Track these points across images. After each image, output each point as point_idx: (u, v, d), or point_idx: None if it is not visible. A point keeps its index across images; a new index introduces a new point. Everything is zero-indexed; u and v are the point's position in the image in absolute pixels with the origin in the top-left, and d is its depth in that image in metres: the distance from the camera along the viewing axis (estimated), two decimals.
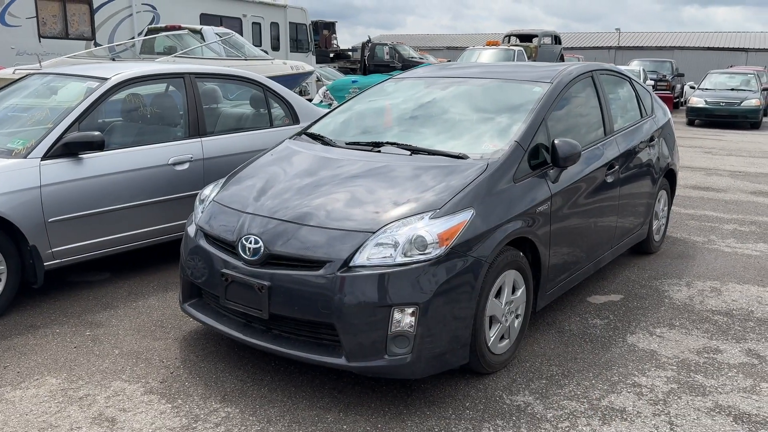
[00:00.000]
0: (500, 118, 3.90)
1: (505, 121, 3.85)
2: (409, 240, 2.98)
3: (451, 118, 4.02)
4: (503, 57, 19.85)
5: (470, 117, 3.99)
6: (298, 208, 3.26)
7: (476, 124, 3.91)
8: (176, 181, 4.82)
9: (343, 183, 3.41)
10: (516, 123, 3.77)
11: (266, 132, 5.54)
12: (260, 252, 3.13)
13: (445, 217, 3.07)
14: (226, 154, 5.15)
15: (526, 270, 3.49)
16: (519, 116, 3.83)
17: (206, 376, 3.36)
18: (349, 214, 3.15)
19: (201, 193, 3.88)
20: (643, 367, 3.52)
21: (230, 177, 3.90)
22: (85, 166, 4.35)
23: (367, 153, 3.75)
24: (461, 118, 3.99)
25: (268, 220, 3.24)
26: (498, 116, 3.92)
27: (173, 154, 4.82)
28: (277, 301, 3.07)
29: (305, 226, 3.14)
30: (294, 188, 3.46)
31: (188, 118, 5.02)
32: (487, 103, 4.08)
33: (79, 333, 3.87)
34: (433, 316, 2.94)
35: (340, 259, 2.97)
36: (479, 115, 3.99)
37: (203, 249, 3.42)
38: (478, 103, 4.12)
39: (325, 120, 4.51)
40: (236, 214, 3.42)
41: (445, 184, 3.28)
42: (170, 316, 4.11)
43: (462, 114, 4.03)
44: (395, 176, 3.40)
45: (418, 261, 2.95)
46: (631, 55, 38.85)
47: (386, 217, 3.09)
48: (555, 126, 3.92)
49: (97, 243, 4.43)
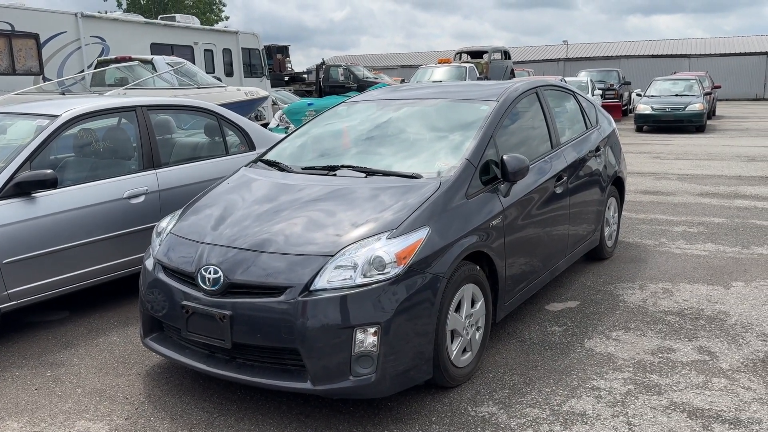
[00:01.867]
0: (452, 136, 4.01)
1: (456, 139, 3.96)
2: (368, 261, 3.04)
3: (405, 138, 4.12)
4: (455, 74, 20.22)
5: (423, 137, 4.09)
6: (257, 235, 3.29)
7: (429, 144, 4.01)
8: (132, 214, 4.79)
9: (302, 208, 3.46)
10: (466, 141, 3.89)
11: (222, 160, 5.55)
12: (220, 281, 3.15)
13: (402, 237, 3.15)
14: (183, 185, 5.14)
15: (484, 283, 3.58)
16: (469, 134, 3.94)
17: (172, 409, 3.34)
18: (308, 239, 3.19)
19: (158, 226, 3.88)
20: (601, 370, 3.64)
21: (187, 208, 3.91)
22: (38, 204, 4.30)
23: (324, 177, 3.81)
24: (415, 138, 4.09)
25: (227, 249, 3.27)
26: (449, 135, 4.03)
27: (128, 187, 4.80)
28: (239, 330, 3.08)
29: (264, 253, 3.17)
30: (252, 215, 3.50)
31: (142, 151, 5.00)
32: (438, 122, 4.20)
33: (39, 374, 3.80)
34: (396, 334, 3.00)
35: (300, 283, 3.01)
36: (432, 135, 4.09)
37: (162, 282, 3.41)
38: (430, 122, 4.23)
39: (281, 146, 4.56)
40: (194, 245, 3.43)
41: (401, 203, 3.36)
42: (132, 352, 4.07)
43: (415, 134, 4.13)
44: (353, 198, 3.46)
45: (378, 281, 3.00)
46: (579, 65, 39.96)
47: (345, 240, 3.14)
48: (504, 142, 4.05)
49: (53, 282, 4.37)
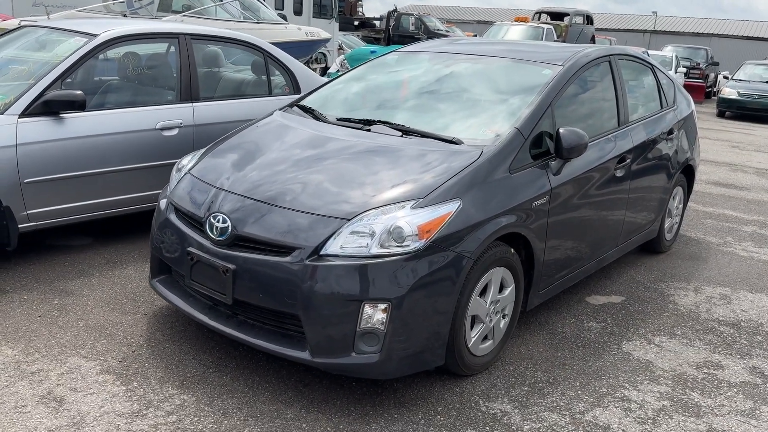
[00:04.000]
0: (505, 100, 3.60)
1: (510, 104, 3.56)
2: (387, 230, 2.74)
3: (454, 97, 3.74)
4: (531, 35, 19.28)
5: (474, 98, 3.70)
6: (274, 186, 3.03)
7: (479, 106, 3.63)
8: (163, 147, 4.60)
9: (325, 162, 3.17)
10: (520, 107, 3.48)
11: (264, 100, 5.29)
12: (228, 232, 2.91)
13: (429, 208, 2.82)
14: (219, 122, 4.91)
15: (517, 267, 3.23)
16: (525, 100, 3.53)
17: (168, 357, 3.18)
18: (325, 198, 2.91)
19: (178, 163, 3.66)
20: (636, 379, 3.27)
21: (211, 148, 3.67)
22: (66, 126, 4.14)
23: (356, 131, 3.49)
24: (465, 98, 3.71)
25: (240, 198, 3.02)
26: (503, 99, 3.63)
27: (161, 118, 4.60)
28: (241, 286, 2.85)
29: (277, 208, 2.90)
30: (273, 164, 3.22)
31: (181, 81, 4.78)
32: (493, 83, 3.79)
33: (46, 301, 3.70)
34: (408, 314, 2.71)
35: (310, 246, 2.74)
36: (484, 97, 3.70)
37: (172, 224, 3.20)
38: (485, 83, 3.83)
39: (320, 92, 4.25)
40: (208, 188, 3.19)
41: (435, 170, 3.02)
42: (144, 289, 3.93)
43: (464, 94, 3.74)
44: (380, 159, 3.14)
45: (395, 253, 2.71)
46: (666, 39, 37.75)
47: (365, 203, 2.84)
48: (563, 113, 3.62)
49: (75, 207, 4.24)
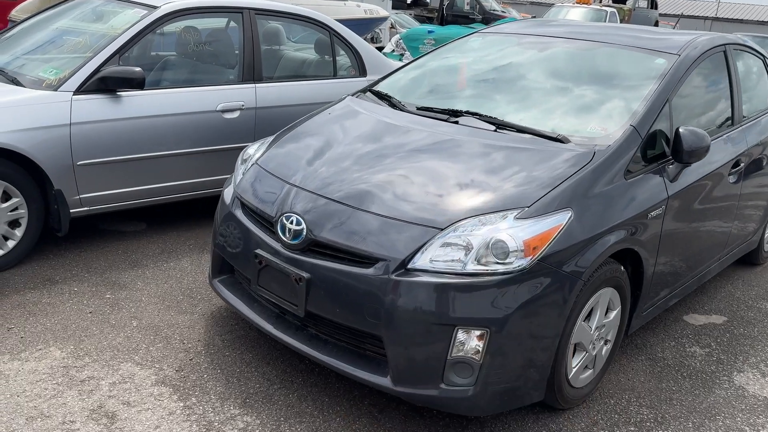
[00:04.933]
0: (612, 93, 3.16)
1: (618, 97, 3.11)
2: (486, 244, 2.36)
3: (547, 87, 3.31)
4: (594, 17, 18.47)
5: (572, 89, 3.26)
6: (354, 183, 2.67)
7: (580, 99, 3.19)
8: (224, 130, 4.29)
9: (410, 157, 2.79)
10: (632, 102, 3.04)
11: (329, 83, 4.93)
12: (302, 235, 2.57)
13: (535, 219, 2.43)
14: (283, 105, 4.58)
15: (625, 287, 2.82)
16: (637, 93, 3.09)
17: (229, 368, 2.88)
18: (412, 201, 2.53)
19: (244, 152, 3.33)
20: (756, 421, 2.84)
21: (279, 136, 3.33)
22: (122, 105, 3.86)
23: (441, 123, 3.10)
24: (561, 89, 3.28)
25: (315, 196, 2.67)
26: (609, 90, 3.18)
27: (223, 99, 4.28)
28: (316, 298, 2.52)
29: (358, 211, 2.55)
30: (352, 156, 2.87)
31: (243, 60, 4.45)
32: (596, 72, 3.34)
33: (98, 294, 3.45)
34: (507, 343, 2.34)
35: (396, 258, 2.38)
36: (585, 87, 3.26)
37: (238, 221, 2.88)
38: (585, 71, 3.38)
39: (395, 77, 3.86)
40: (279, 183, 2.85)
41: (539, 173, 2.61)
42: (201, 285, 3.64)
43: (562, 84, 3.31)
44: (473, 156, 2.75)
45: (495, 272, 2.33)
46: (729, 28, 36.02)
47: (459, 210, 2.46)
48: (679, 110, 3.16)
49: (130, 192, 3.98)
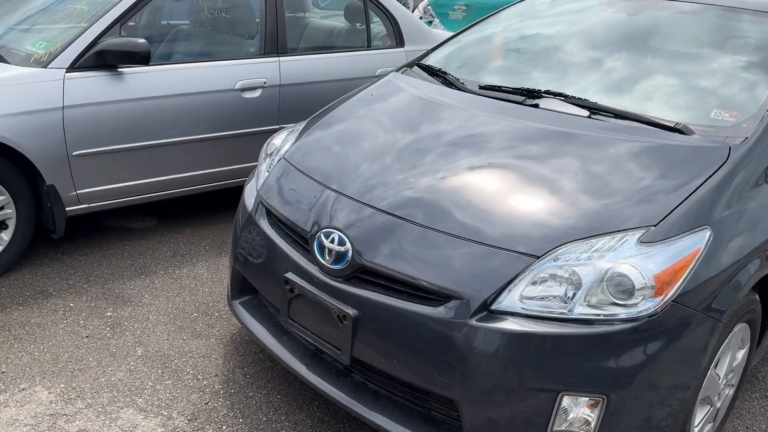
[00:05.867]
0: (732, 68, 2.49)
1: (743, 73, 2.45)
2: (601, 278, 1.75)
3: (644, 61, 2.64)
4: None
5: (677, 62, 2.59)
6: (410, 191, 2.06)
7: (690, 76, 2.52)
8: (243, 112, 3.69)
9: (479, 154, 2.17)
10: (763, 81, 2.38)
11: (363, 54, 4.28)
12: (346, 259, 1.98)
13: (666, 243, 1.80)
14: (311, 81, 3.95)
15: (757, 321, 2.20)
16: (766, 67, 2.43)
17: (253, 415, 2.32)
18: (494, 216, 1.92)
19: (269, 143, 2.73)
20: None
21: (311, 122, 2.73)
22: (124, 84, 3.27)
23: (515, 107, 2.46)
24: (662, 62, 2.61)
25: (362, 206, 2.07)
26: (728, 65, 2.51)
27: (242, 76, 3.67)
28: (365, 342, 1.94)
29: (420, 228, 1.94)
30: (403, 155, 2.25)
31: (266, 30, 3.82)
32: (709, 42, 2.66)
33: (97, 312, 2.90)
34: (627, 412, 1.74)
35: (476, 295, 1.78)
36: (693, 61, 2.59)
37: (263, 233, 2.30)
38: (695, 41, 2.70)
39: (447, 47, 3.20)
40: (314, 186, 2.26)
41: (658, 178, 1.98)
42: (219, 298, 3.08)
43: (666, 57, 2.64)
44: (569, 154, 2.12)
45: (614, 318, 1.72)
46: None
47: (560, 231, 1.84)
48: None
49: (135, 186, 3.41)
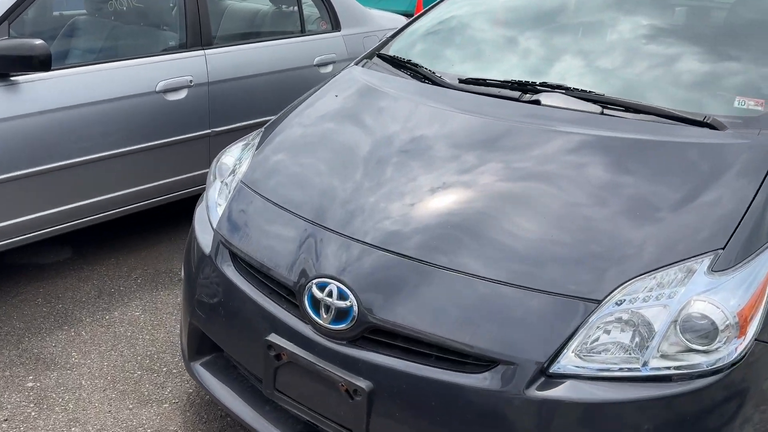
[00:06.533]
0: (745, 46, 2.23)
1: (754, 53, 2.20)
2: (675, 321, 1.43)
3: (646, 43, 2.34)
4: None
5: (684, 44, 2.30)
6: (421, 220, 1.67)
7: (700, 59, 2.24)
8: (168, 117, 3.14)
9: (493, 168, 1.80)
10: None
11: (298, 41, 3.80)
12: (351, 317, 1.57)
13: (740, 269, 1.50)
14: (243, 76, 3.45)
15: None
16: None
17: None
18: (530, 251, 1.56)
19: (218, 162, 2.25)
20: None
21: (269, 134, 2.26)
22: (21, 95, 2.66)
23: (510, 104, 2.10)
24: (666, 45, 2.32)
25: (365, 247, 1.65)
26: (742, 45, 2.25)
27: (163, 75, 3.11)
28: (384, 422, 1.54)
29: (445, 272, 1.56)
30: (400, 171, 1.85)
31: (186, 18, 3.26)
32: (716, 18, 2.38)
33: (14, 384, 2.35)
34: None
35: (530, 359, 1.42)
36: (704, 41, 2.29)
37: (230, 283, 1.84)
38: (699, 15, 2.41)
39: (409, 32, 2.80)
40: (291, 220, 1.81)
41: (705, 187, 1.68)
42: (164, 346, 2.59)
43: (666, 37, 2.35)
44: (595, 162, 1.78)
45: (695, 370, 1.41)
46: None
47: (617, 266, 1.49)
48: None
49: (45, 218, 2.82)
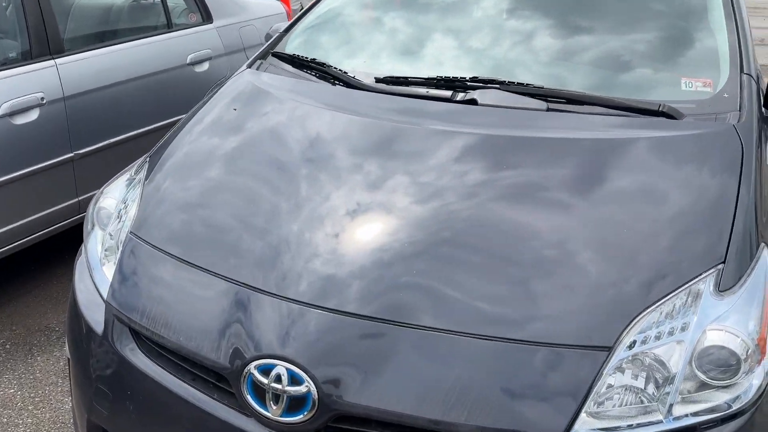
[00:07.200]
0: (672, 27, 2.08)
1: (678, 31, 2.06)
2: (691, 358, 1.24)
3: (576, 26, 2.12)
4: None
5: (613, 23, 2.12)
6: (378, 269, 1.36)
7: (632, 38, 2.07)
8: (19, 145, 2.59)
9: (448, 192, 1.52)
10: (708, 34, 2.01)
11: (165, 39, 3.30)
12: (310, 405, 1.24)
13: (745, 283, 1.33)
14: (105, 85, 2.93)
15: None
16: (702, 17, 2.07)
17: None
18: (518, 293, 1.31)
19: (97, 205, 1.80)
20: None
21: (156, 160, 1.83)
22: None
23: (441, 106, 1.82)
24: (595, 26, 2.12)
25: (308, 310, 1.31)
26: (668, 25, 2.09)
27: (5, 95, 2.54)
28: None
29: (423, 332, 1.26)
30: (337, 207, 1.52)
31: (26, 22, 2.69)
32: None
33: None
34: None
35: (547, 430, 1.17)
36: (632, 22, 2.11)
37: (134, 369, 1.44)
38: None
39: (304, 28, 2.42)
40: (206, 280, 1.44)
41: (680, 187, 1.50)
42: (53, 430, 2.12)
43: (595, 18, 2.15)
44: (561, 174, 1.53)
45: (719, 414, 1.22)
46: None
47: (618, 301, 1.27)
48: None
49: None
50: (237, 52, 3.65)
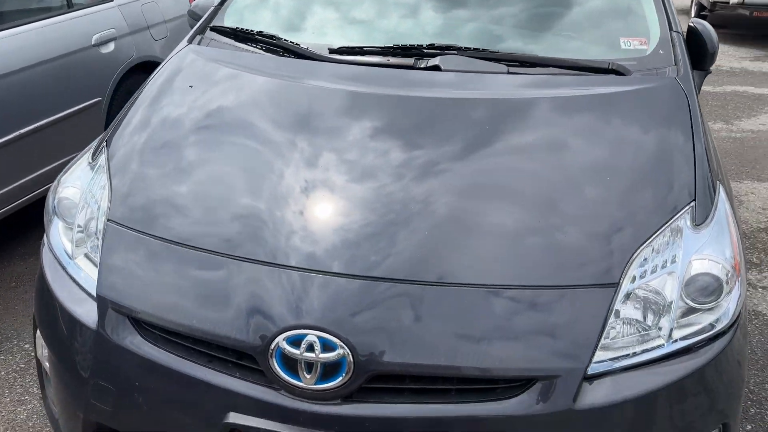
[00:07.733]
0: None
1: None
2: (683, 285, 1.37)
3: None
4: None
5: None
6: (387, 233, 1.39)
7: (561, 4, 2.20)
8: None
9: (442, 156, 1.57)
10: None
11: (65, 20, 3.06)
12: (344, 370, 1.26)
13: (714, 216, 1.49)
14: (4, 73, 2.69)
15: None
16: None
17: None
18: (523, 244, 1.38)
19: (57, 197, 1.68)
20: None
21: (117, 143, 1.73)
22: None
23: (409, 73, 1.85)
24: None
25: (333, 279, 1.32)
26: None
27: None
28: None
29: (442, 288, 1.31)
30: (328, 170, 1.53)
31: None
32: None
33: None
34: None
35: (570, 367, 1.26)
36: None
37: (141, 359, 1.37)
38: None
39: (239, 1, 2.35)
40: (211, 260, 1.39)
41: (643, 135, 1.64)
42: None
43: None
44: (534, 132, 1.63)
45: (711, 330, 1.37)
46: None
47: (612, 242, 1.38)
48: None
49: None
50: (142, 31, 3.46)
